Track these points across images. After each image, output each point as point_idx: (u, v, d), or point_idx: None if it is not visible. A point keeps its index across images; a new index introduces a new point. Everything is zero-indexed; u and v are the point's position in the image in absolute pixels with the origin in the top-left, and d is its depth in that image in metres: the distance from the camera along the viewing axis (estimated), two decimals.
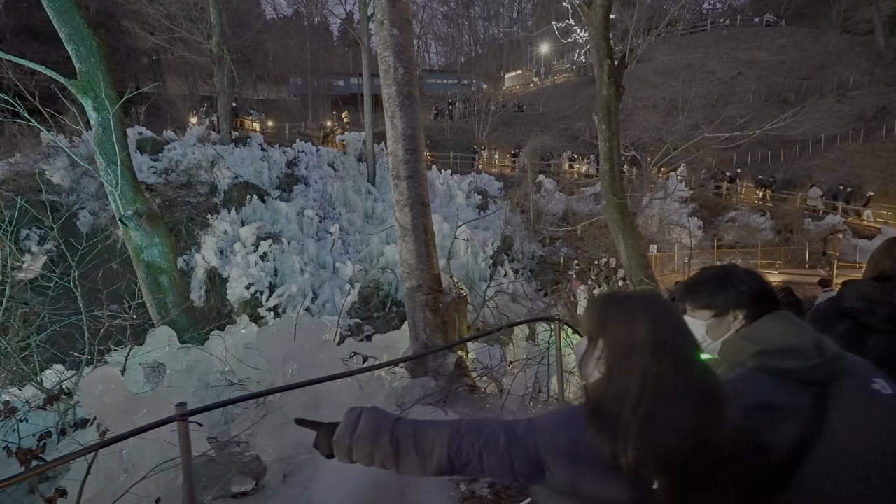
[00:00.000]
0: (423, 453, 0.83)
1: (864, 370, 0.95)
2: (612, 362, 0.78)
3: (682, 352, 0.76)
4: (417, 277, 3.55)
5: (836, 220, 17.22)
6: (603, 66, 8.36)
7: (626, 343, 0.77)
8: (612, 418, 0.74)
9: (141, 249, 4.56)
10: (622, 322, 0.79)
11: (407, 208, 3.48)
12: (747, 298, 1.03)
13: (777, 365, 0.93)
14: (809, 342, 0.93)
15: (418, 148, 3.45)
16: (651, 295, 0.84)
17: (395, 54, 3.32)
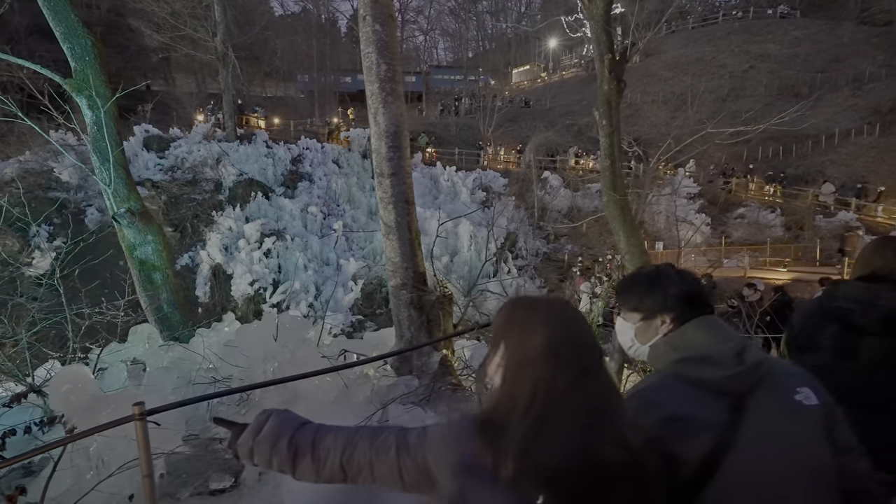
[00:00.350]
0: (318, 459, 0.81)
1: (788, 379, 0.90)
2: (507, 370, 0.75)
3: (577, 362, 0.72)
4: (402, 276, 3.53)
5: (848, 216, 16.83)
6: (603, 61, 8.22)
7: (521, 350, 0.74)
8: (500, 429, 0.70)
9: (134, 247, 4.61)
10: (520, 328, 0.76)
11: (391, 206, 3.46)
12: (675, 301, 0.98)
13: (693, 374, 0.89)
14: (729, 350, 0.88)
15: (402, 145, 3.42)
16: (555, 301, 0.79)
17: (377, 50, 3.29)
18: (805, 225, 17.16)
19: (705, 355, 0.89)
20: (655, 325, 0.99)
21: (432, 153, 22.86)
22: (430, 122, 29.34)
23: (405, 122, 3.44)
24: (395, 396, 3.44)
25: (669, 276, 1.01)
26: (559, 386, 0.70)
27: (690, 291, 0.98)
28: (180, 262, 13.86)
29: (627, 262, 8.71)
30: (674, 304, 0.98)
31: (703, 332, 0.93)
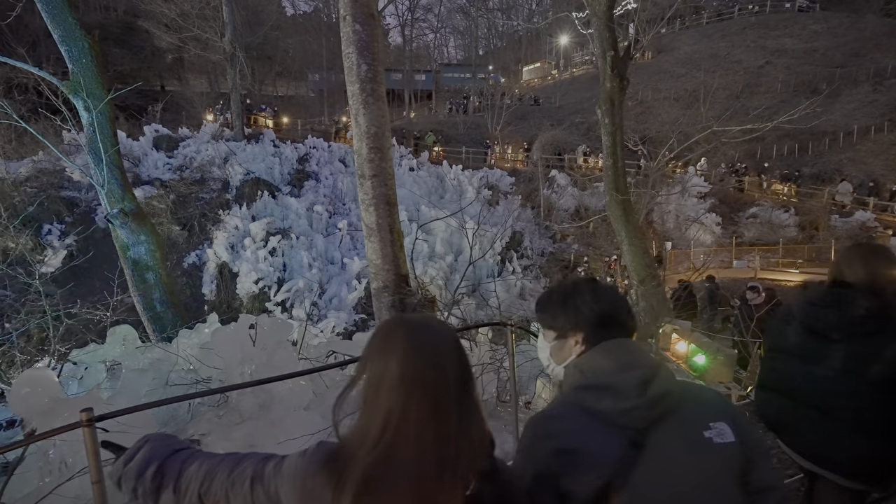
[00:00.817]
0: (179, 490, 0.76)
1: (701, 413, 0.82)
2: (365, 397, 0.70)
3: (435, 392, 0.67)
4: (383, 278, 3.50)
5: (866, 216, 16.31)
6: (606, 58, 8.08)
7: (379, 376, 0.68)
8: (346, 461, 0.66)
9: (127, 247, 4.66)
10: (380, 352, 0.70)
11: (372, 208, 3.43)
12: (585, 321, 0.91)
13: (592, 404, 0.82)
14: (632, 380, 0.81)
15: (383, 146, 3.38)
16: (422, 323, 0.74)
17: (357, 51, 3.26)
18: (820, 225, 16.68)
19: (607, 384, 0.82)
20: (569, 345, 0.93)
21: (439, 152, 22.81)
22: (437, 120, 29.28)
23: (387, 123, 3.40)
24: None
25: (583, 293, 0.93)
26: (411, 418, 0.65)
27: (602, 312, 0.90)
28: (187, 260, 14.07)
29: (629, 264, 8.57)
30: (584, 324, 0.91)
31: (611, 357, 0.86)
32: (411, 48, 49.66)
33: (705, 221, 18.25)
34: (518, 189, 20.31)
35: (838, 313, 1.46)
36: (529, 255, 16.80)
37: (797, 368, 1.55)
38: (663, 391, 0.80)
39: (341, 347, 4.18)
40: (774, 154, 22.42)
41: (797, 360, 1.55)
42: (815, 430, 1.49)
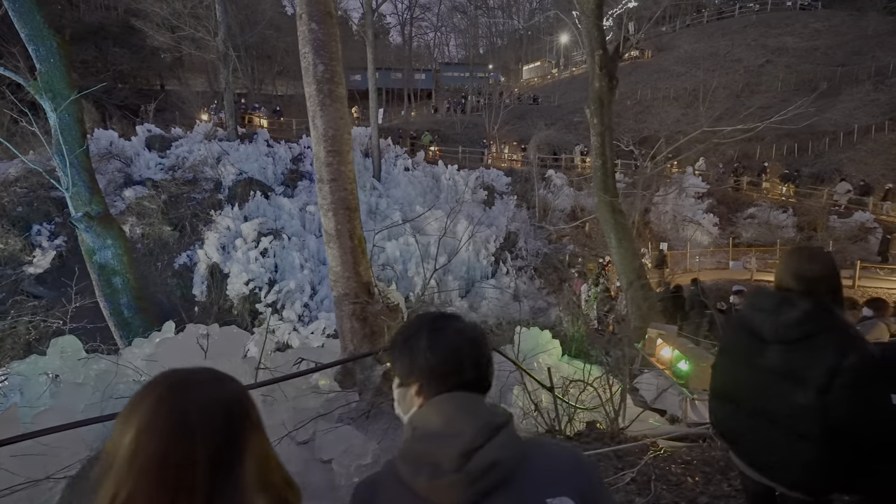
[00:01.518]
0: None
1: (536, 487, 0.69)
2: (97, 477, 0.57)
3: (177, 476, 0.55)
4: (343, 285, 3.39)
5: (865, 216, 16.09)
6: (595, 57, 7.95)
7: (112, 453, 0.56)
8: None
9: (93, 251, 4.56)
10: (121, 422, 0.57)
11: (330, 213, 3.31)
12: (419, 369, 0.77)
13: (406, 475, 0.70)
14: (451, 449, 0.67)
15: (341, 149, 3.26)
16: (185, 384, 0.60)
17: (314, 50, 3.14)
18: (818, 226, 16.47)
19: (427, 451, 0.70)
20: (410, 395, 0.79)
21: (436, 151, 22.68)
22: (435, 119, 29.14)
23: (347, 125, 3.29)
24: (319, 415, 3.30)
25: (420, 336, 0.79)
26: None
27: (438, 360, 0.76)
28: (178, 260, 14.00)
29: (617, 265, 8.44)
30: (419, 372, 0.77)
31: (439, 416, 0.72)
32: (410, 47, 49.57)
33: (702, 222, 18.08)
34: (514, 189, 20.16)
35: (774, 318, 1.45)
36: (524, 256, 16.66)
37: (740, 371, 1.55)
38: (489, 463, 0.67)
39: (312, 355, 4.08)
40: (774, 154, 22.20)
41: (740, 364, 1.56)
42: (756, 435, 1.48)
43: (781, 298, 1.47)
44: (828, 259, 1.50)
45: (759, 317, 1.49)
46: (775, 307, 1.46)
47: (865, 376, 1.28)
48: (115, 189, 14.24)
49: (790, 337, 1.40)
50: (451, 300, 14.91)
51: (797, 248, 1.67)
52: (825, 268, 1.47)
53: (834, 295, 1.45)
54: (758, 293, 1.62)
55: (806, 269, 1.46)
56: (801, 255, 1.57)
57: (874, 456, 1.34)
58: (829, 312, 1.38)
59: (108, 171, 14.43)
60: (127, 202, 14.00)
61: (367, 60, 44.63)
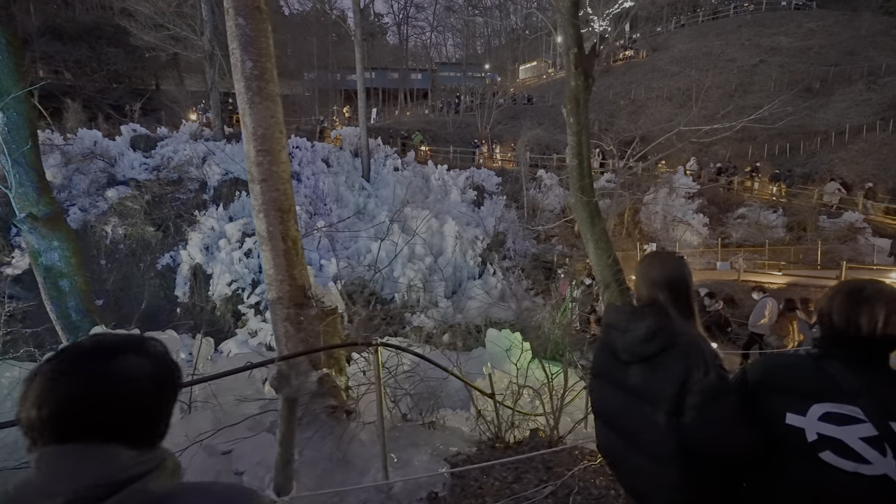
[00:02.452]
0: None
1: None
2: None
3: None
4: (277, 289, 3.29)
5: (854, 217, 16.00)
6: (570, 55, 7.84)
7: None
8: None
9: (39, 253, 4.46)
10: None
11: (262, 214, 3.21)
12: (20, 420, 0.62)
13: None
14: None
15: (272, 149, 3.16)
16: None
17: (241, 46, 3.04)
18: (808, 226, 16.38)
19: None
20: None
21: (426, 151, 22.58)
22: (427, 119, 29.06)
23: (278, 123, 3.18)
24: (270, 418, 3.21)
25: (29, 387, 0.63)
26: None
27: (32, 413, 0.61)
28: (161, 261, 13.90)
29: (594, 268, 8.33)
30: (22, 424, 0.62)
31: (37, 475, 0.60)
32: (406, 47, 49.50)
33: (692, 222, 17.99)
34: (504, 189, 20.07)
35: (623, 335, 1.35)
36: (512, 257, 16.56)
37: (608, 393, 1.44)
38: None
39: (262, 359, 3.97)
40: (766, 154, 22.12)
41: (609, 385, 1.44)
42: (629, 460, 1.37)
43: (631, 313, 1.36)
44: (674, 264, 1.37)
45: (613, 335, 1.39)
46: (626, 323, 1.35)
47: (716, 394, 1.17)
48: (97, 189, 14.14)
49: (643, 354, 1.29)
50: (437, 301, 14.83)
51: (649, 254, 1.55)
52: (670, 274, 1.34)
53: (682, 305, 1.32)
54: (611, 308, 1.51)
55: (653, 275, 1.35)
56: (649, 261, 1.45)
57: (747, 479, 1.24)
58: (674, 325, 1.27)
59: (91, 172, 14.32)
60: (110, 202, 13.90)
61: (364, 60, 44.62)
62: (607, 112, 27.24)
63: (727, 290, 12.70)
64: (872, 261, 14.25)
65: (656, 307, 1.31)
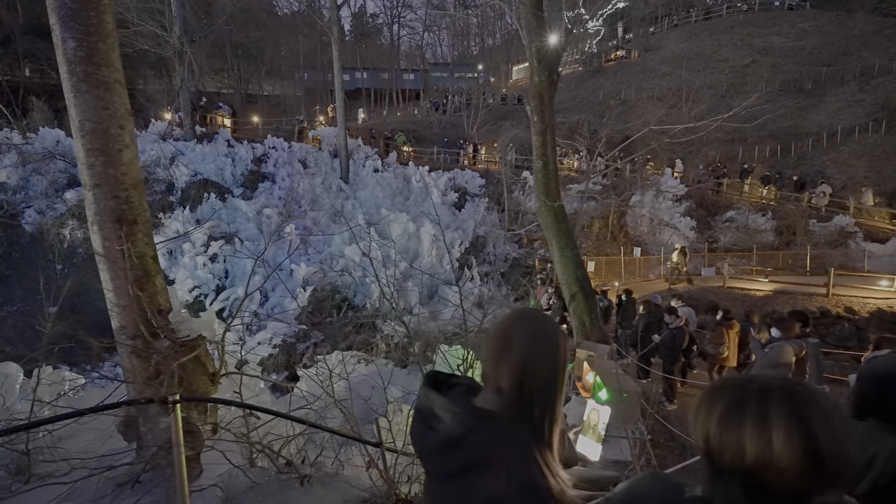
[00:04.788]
0: None
1: None
2: None
3: None
4: (119, 317, 2.73)
5: (845, 220, 15.50)
6: (532, 50, 7.31)
7: None
8: None
9: None
10: None
11: (96, 227, 2.66)
12: None
13: None
14: None
15: (107, 147, 2.60)
16: None
17: (61, 21, 2.49)
18: (798, 230, 15.87)
19: None
20: None
21: (410, 152, 22.02)
22: (413, 120, 28.52)
23: (115, 116, 2.62)
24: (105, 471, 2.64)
25: None
26: None
27: None
28: None
29: (559, 275, 7.79)
30: None
31: None
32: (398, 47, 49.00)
33: (679, 225, 17.48)
34: (487, 191, 19.53)
35: (422, 436, 0.97)
36: (492, 261, 16.02)
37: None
38: None
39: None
40: (756, 155, 21.63)
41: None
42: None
43: (440, 398, 0.95)
44: (544, 339, 0.92)
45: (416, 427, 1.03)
46: (428, 416, 0.94)
47: None
48: (56, 191, 13.55)
49: (443, 471, 0.90)
50: (411, 308, 14.25)
51: (514, 313, 1.03)
52: (529, 354, 0.92)
53: (532, 407, 0.92)
54: (424, 383, 1.00)
55: (503, 348, 0.94)
56: (510, 322, 0.97)
57: None
58: (495, 430, 0.85)
59: (51, 172, 13.73)
60: (68, 204, 13.31)
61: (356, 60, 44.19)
62: (597, 113, 26.72)
63: (711, 298, 12.19)
64: (864, 267, 13.75)
65: (486, 399, 0.89)
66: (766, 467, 0.66)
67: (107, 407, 2.23)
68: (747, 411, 0.69)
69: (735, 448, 0.68)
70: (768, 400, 0.68)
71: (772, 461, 0.65)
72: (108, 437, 3.07)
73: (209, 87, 36.90)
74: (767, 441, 0.66)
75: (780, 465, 0.65)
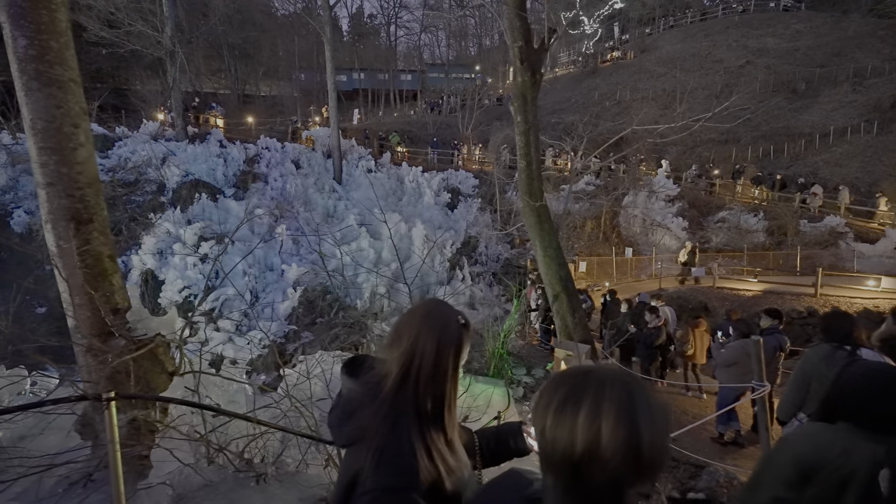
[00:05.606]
0: None
1: None
2: None
3: None
4: (75, 315, 2.72)
5: (835, 221, 15.53)
6: (515, 49, 7.31)
7: None
8: None
9: None
10: None
11: (49, 226, 2.65)
12: None
13: None
14: None
15: (60, 146, 2.60)
16: None
17: (11, 19, 2.49)
18: (789, 230, 15.90)
19: None
20: None
21: (404, 152, 22.04)
22: (407, 120, 28.54)
23: (68, 115, 2.63)
24: (58, 470, 2.63)
25: None
26: None
27: None
28: None
29: (543, 277, 7.79)
30: None
31: None
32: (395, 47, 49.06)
33: (671, 226, 17.51)
34: (481, 192, 19.54)
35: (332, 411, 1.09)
36: (484, 262, 16.01)
37: None
38: None
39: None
40: (749, 156, 21.66)
41: None
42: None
43: (352, 382, 1.05)
44: (441, 325, 0.99)
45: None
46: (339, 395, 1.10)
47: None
48: None
49: (339, 440, 1.05)
50: (402, 308, 14.25)
51: (425, 302, 1.10)
52: (423, 340, 0.97)
53: (417, 392, 0.98)
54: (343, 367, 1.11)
55: (402, 335, 1.00)
56: (415, 312, 1.06)
57: None
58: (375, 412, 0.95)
59: None
60: None
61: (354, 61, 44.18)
62: (592, 113, 26.74)
63: (700, 298, 12.20)
64: (853, 267, 13.78)
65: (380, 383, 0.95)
66: (593, 458, 0.66)
67: (33, 405, 2.22)
68: (582, 403, 0.69)
69: (567, 440, 0.68)
70: (603, 391, 0.68)
71: (598, 452, 0.65)
72: (68, 436, 3.06)
73: (206, 87, 36.92)
74: (597, 431, 0.66)
75: (605, 455, 0.65)
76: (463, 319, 1.01)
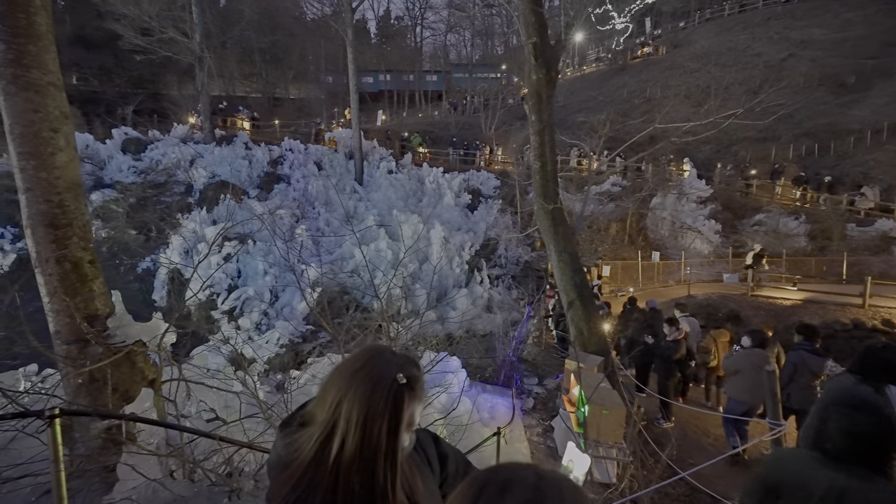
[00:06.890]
0: None
1: None
2: None
3: None
4: (54, 322, 2.71)
5: (888, 224, 14.33)
6: (528, 46, 7.04)
7: None
8: None
9: None
10: None
11: (29, 231, 2.64)
12: None
13: None
14: None
15: (39, 151, 2.58)
16: None
17: None
18: (834, 234, 14.79)
19: None
20: None
21: (425, 153, 21.97)
22: (431, 121, 28.47)
23: (47, 119, 2.60)
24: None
25: None
26: None
27: None
28: (141, 265, 13.80)
29: (557, 282, 7.46)
30: None
31: None
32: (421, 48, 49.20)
33: (703, 229, 16.64)
34: (502, 193, 19.20)
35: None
36: (503, 264, 15.70)
37: None
38: None
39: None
40: (791, 155, 20.35)
41: None
42: None
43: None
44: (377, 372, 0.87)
45: None
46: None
47: None
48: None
49: None
50: (419, 310, 14.13)
51: (364, 350, 0.95)
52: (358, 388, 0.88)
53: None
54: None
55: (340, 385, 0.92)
56: (353, 360, 0.92)
57: None
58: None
59: None
60: (93, 205, 13.92)
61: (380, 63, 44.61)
62: (620, 112, 25.89)
63: (732, 306, 11.48)
64: None
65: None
66: None
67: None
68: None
69: None
70: (505, 493, 0.54)
71: None
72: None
73: (238, 91, 38.14)
74: None
75: None
76: (404, 378, 0.79)
